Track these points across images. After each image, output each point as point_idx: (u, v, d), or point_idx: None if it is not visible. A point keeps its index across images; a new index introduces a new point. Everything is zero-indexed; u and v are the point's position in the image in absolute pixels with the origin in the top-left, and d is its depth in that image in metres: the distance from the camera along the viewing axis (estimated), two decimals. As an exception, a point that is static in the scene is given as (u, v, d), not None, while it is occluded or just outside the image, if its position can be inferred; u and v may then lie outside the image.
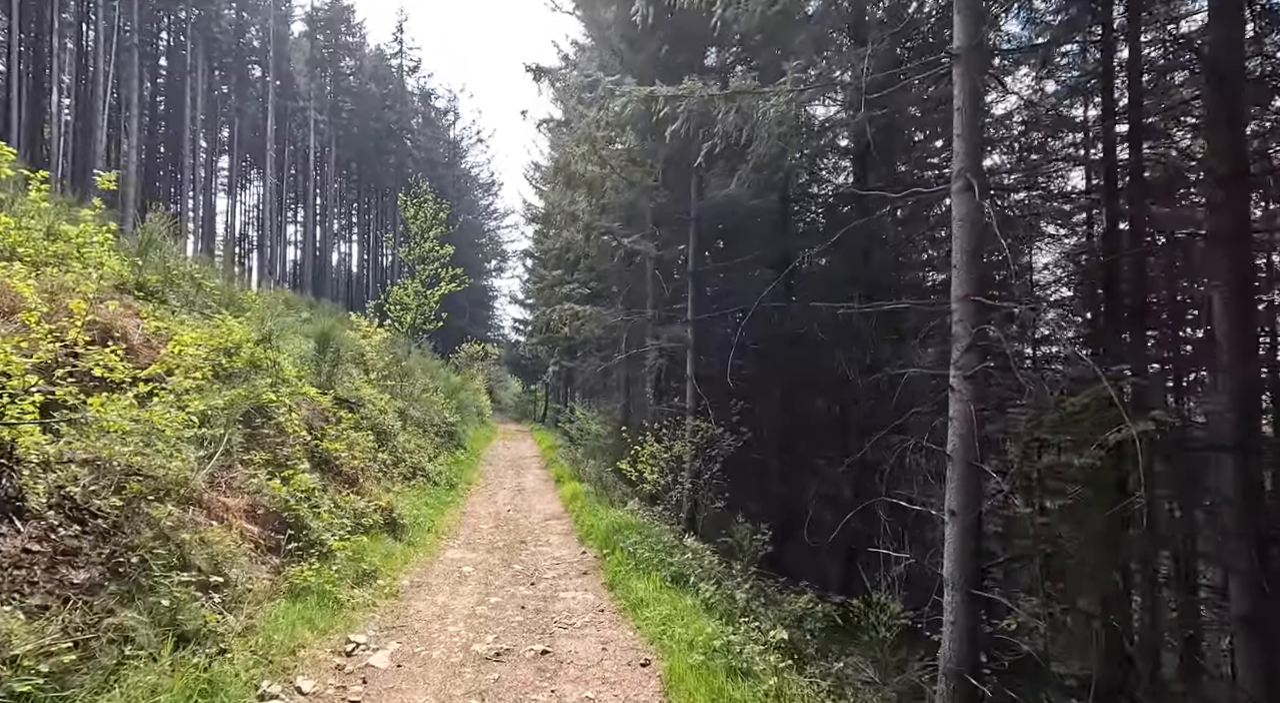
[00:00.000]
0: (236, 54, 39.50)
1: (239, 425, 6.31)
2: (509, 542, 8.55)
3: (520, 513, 10.66)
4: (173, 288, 7.27)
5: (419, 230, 19.50)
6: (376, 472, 9.29)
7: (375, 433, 10.68)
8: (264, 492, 5.79)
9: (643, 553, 6.71)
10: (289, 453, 6.72)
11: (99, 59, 35.57)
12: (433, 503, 10.27)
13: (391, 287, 19.15)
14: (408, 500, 9.36)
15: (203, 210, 44.35)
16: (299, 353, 9.79)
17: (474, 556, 7.77)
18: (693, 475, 9.02)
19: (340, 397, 9.93)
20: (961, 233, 4.78)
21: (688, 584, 5.77)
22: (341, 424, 8.58)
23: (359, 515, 7.21)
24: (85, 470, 4.29)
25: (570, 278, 20.87)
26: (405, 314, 18.85)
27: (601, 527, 8.40)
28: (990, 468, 4.62)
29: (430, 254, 19.33)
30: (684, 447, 9.27)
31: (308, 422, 7.84)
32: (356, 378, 11.70)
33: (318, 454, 7.64)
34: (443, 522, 9.45)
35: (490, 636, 5.11)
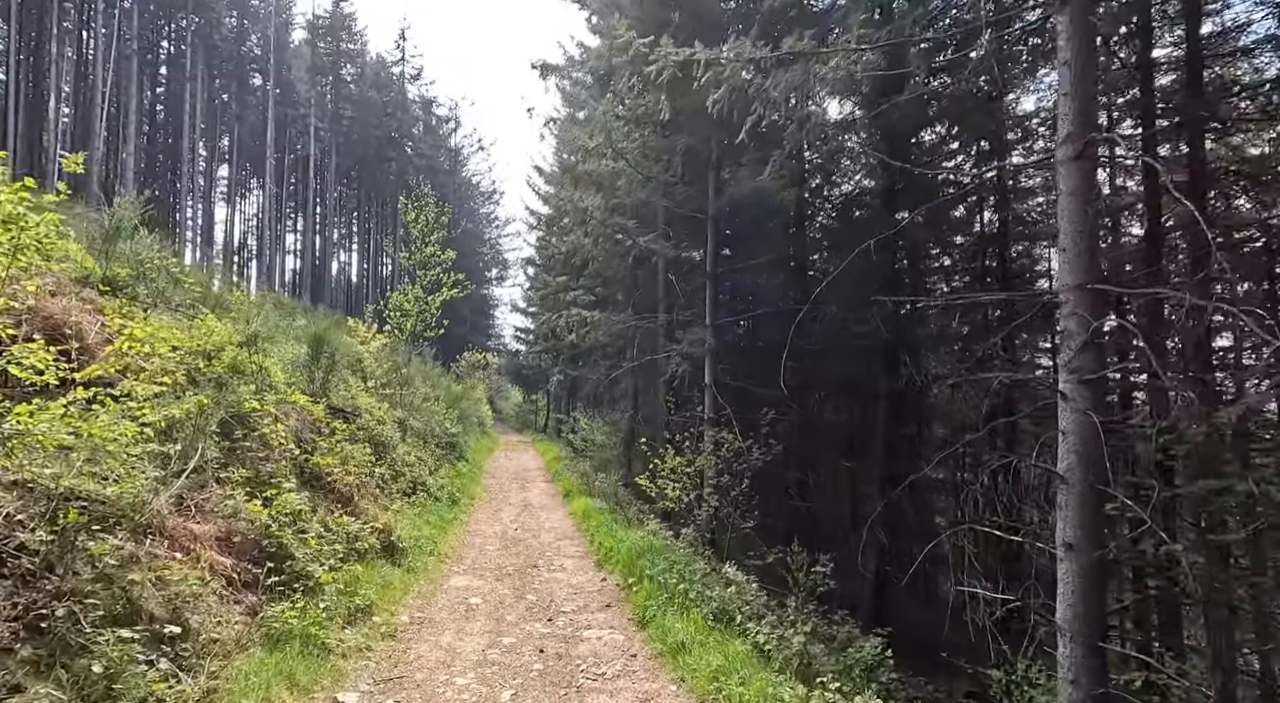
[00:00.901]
0: (237, 61, 38.86)
1: (215, 438, 5.45)
2: (519, 566, 7.67)
3: (529, 532, 9.78)
4: (146, 283, 6.43)
5: (420, 235, 18.75)
6: (373, 488, 8.42)
7: (373, 445, 9.82)
8: (241, 515, 4.93)
9: (674, 583, 5.84)
10: (273, 469, 5.86)
11: (98, 66, 34.91)
12: (434, 521, 9.40)
13: (391, 293, 18.37)
14: (407, 519, 8.48)
15: (202, 219, 43.59)
16: (290, 358, 8.94)
17: (481, 583, 6.90)
18: (718, 492, 8.17)
19: (335, 406, 9.07)
20: (1071, 209, 3.96)
21: (734, 624, 4.91)
22: (335, 436, 7.72)
23: (353, 539, 6.34)
24: (11, 496, 3.44)
25: (576, 284, 20.06)
26: (406, 321, 18.04)
27: (622, 550, 7.53)
28: (1118, 492, 3.79)
29: (431, 259, 18.53)
30: (708, 461, 8.40)
31: (296, 434, 6.98)
32: (353, 386, 10.85)
33: (307, 470, 6.78)
34: (446, 543, 8.57)
35: (507, 692, 4.23)
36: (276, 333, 10.63)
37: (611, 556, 7.60)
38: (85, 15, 36.73)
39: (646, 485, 8.96)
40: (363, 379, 12.98)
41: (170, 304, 6.68)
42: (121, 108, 36.57)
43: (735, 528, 8.25)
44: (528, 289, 32.62)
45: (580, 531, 9.75)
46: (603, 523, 9.23)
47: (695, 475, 8.78)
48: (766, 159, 10.59)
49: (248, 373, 6.59)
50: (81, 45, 36.97)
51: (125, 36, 36.01)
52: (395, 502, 9.04)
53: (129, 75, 35.58)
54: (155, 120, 41.88)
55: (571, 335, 20.16)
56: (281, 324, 12.61)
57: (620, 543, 7.78)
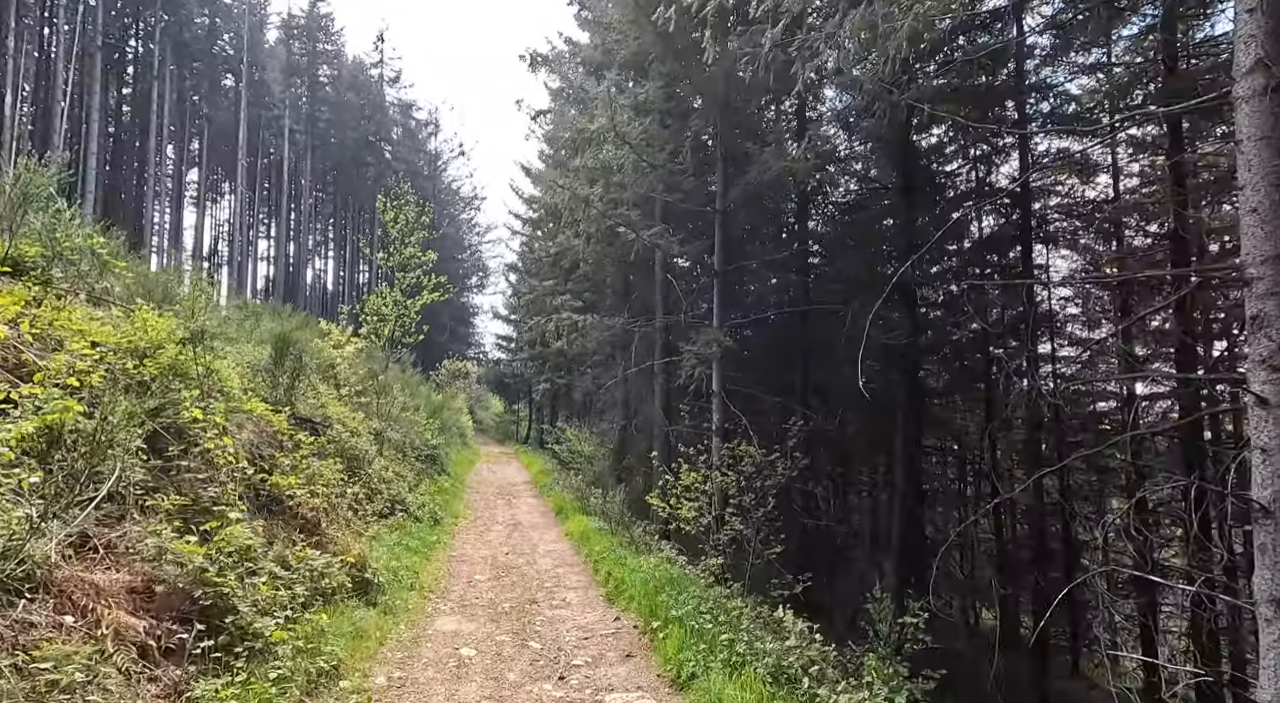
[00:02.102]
0: (208, 61, 37.23)
1: (142, 456, 4.28)
2: (516, 602, 6.53)
3: (522, 556, 8.62)
4: (63, 265, 5.24)
5: (399, 235, 17.56)
6: (345, 511, 7.23)
7: (345, 460, 8.60)
8: (168, 558, 3.76)
9: (712, 628, 4.77)
10: (218, 493, 4.68)
11: (59, 63, 33.10)
12: (415, 546, 8.21)
13: (368, 296, 17.14)
14: (385, 546, 7.29)
15: (170, 224, 41.64)
16: (251, 361, 7.73)
17: (473, 626, 5.75)
18: (741, 513, 7.13)
19: (301, 416, 7.86)
20: (1262, 159, 3.02)
21: (798, 688, 3.87)
22: (300, 451, 6.53)
23: (318, 577, 5.16)
24: None
25: (564, 288, 18.99)
26: (383, 326, 16.80)
27: (634, 581, 6.43)
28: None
29: (411, 261, 17.35)
30: (728, 478, 7.35)
31: (251, 449, 5.79)
32: (324, 394, 9.63)
33: (263, 493, 5.59)
34: (429, 572, 7.39)
35: (521, 802, 3.12)
36: (240, 334, 9.40)
37: (623, 589, 6.49)
38: (46, 11, 34.90)
39: (659, 505, 7.86)
40: (335, 387, 11.73)
41: (94, 292, 5.47)
42: (84, 107, 34.73)
43: (757, 554, 7.22)
44: (510, 296, 31.43)
45: (580, 555, 8.63)
46: (607, 547, 8.12)
47: (713, 493, 7.71)
48: (777, 154, 9.71)
49: (192, 376, 5.40)
50: (42, 42, 35.13)
51: (89, 33, 34.25)
52: (370, 525, 7.84)
53: (92, 73, 33.80)
54: (121, 121, 39.99)
55: (560, 341, 19.05)
56: (246, 325, 11.35)
57: (632, 573, 6.68)
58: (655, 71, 10.77)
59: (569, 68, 15.63)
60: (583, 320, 13.97)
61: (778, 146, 9.89)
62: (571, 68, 14.93)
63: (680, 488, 7.72)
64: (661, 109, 10.44)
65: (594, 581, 7.30)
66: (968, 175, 13.25)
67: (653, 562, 7.12)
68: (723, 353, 8.70)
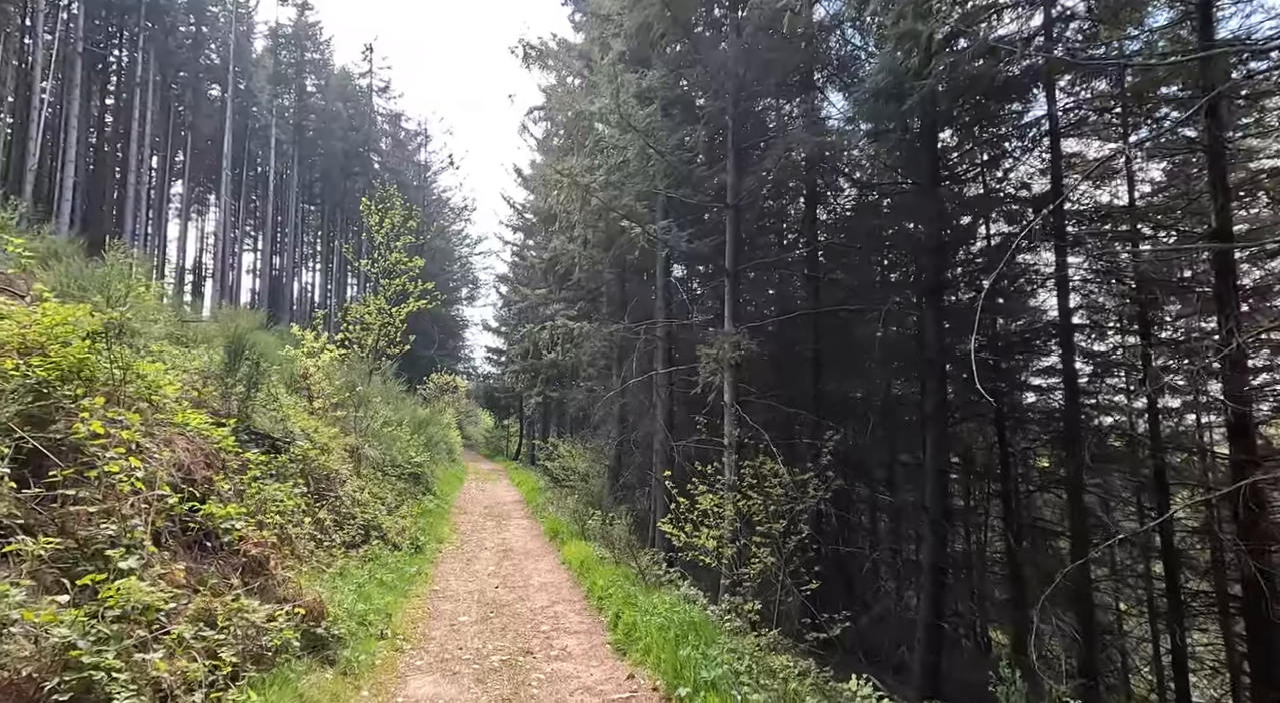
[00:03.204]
0: (193, 69, 36.13)
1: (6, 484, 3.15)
2: (507, 653, 5.38)
3: (514, 591, 7.46)
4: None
5: (384, 240, 16.48)
6: (305, 542, 6.06)
7: (311, 481, 7.45)
8: (15, 630, 2.62)
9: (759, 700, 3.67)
10: (118, 531, 3.54)
11: (36, 69, 31.93)
12: (391, 580, 7.04)
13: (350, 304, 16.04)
14: (352, 584, 6.12)
15: (154, 236, 40.20)
16: (197, 366, 6.58)
17: (454, 690, 4.59)
18: (770, 543, 5.99)
19: (259, 430, 6.70)
20: None
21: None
22: (249, 472, 5.38)
23: (255, 635, 4.01)
24: None
25: (557, 296, 17.94)
26: (366, 336, 15.66)
27: (650, 627, 5.30)
28: None
29: (397, 267, 16.28)
30: (751, 502, 6.21)
31: (182, 471, 4.64)
32: (290, 405, 8.46)
33: (193, 526, 4.44)
34: (404, 614, 6.21)
35: None
36: (196, 335, 8.26)
37: (636, 635, 5.36)
38: (24, 18, 33.74)
39: (673, 533, 6.74)
40: (309, 398, 10.57)
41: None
42: (63, 115, 33.51)
43: (787, 589, 6.10)
44: (500, 308, 30.30)
45: (580, 588, 7.48)
46: (611, 580, 6.98)
47: (734, 519, 6.58)
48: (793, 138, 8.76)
49: (100, 380, 4.27)
50: (23, 50, 33.94)
51: (70, 39, 33.12)
52: (337, 557, 6.66)
53: (72, 80, 32.61)
54: (104, 131, 38.74)
55: (554, 352, 17.95)
56: (210, 329, 10.20)
57: (646, 616, 5.54)
58: (659, 58, 9.83)
59: (563, 64, 14.69)
60: (579, 328, 12.91)
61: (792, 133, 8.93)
62: (566, 63, 13.99)
63: (696, 513, 6.61)
64: (666, 98, 9.49)
65: (599, 622, 6.16)
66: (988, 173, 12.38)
67: (668, 600, 5.99)
68: (742, 358, 7.65)
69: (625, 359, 15.60)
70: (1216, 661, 12.53)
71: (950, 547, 10.90)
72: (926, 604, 8.92)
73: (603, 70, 8.20)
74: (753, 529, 6.34)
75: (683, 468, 11.39)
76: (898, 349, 14.79)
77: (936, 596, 8.93)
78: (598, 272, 15.71)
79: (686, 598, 6.05)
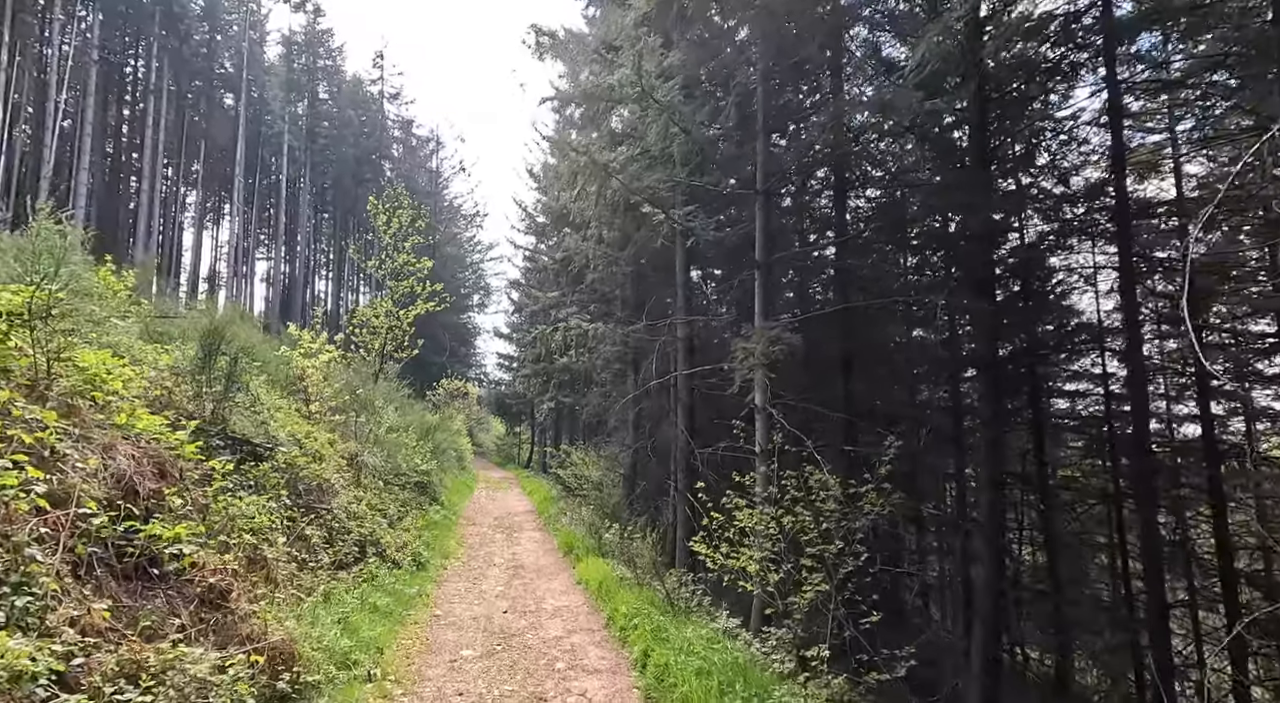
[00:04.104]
0: (207, 77, 35.88)
1: None
2: (516, 699, 4.47)
3: (524, 617, 6.56)
4: None
5: (392, 241, 15.75)
6: (284, 565, 5.19)
7: (299, 493, 6.61)
8: None
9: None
10: (8, 565, 2.68)
11: (51, 78, 31.76)
12: (386, 604, 6.17)
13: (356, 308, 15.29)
14: (336, 613, 5.24)
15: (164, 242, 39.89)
16: (168, 362, 5.76)
17: (451, 755, 3.70)
18: (823, 569, 5.02)
19: (236, 436, 5.87)
20: None
21: None
22: (212, 485, 4.53)
23: (197, 692, 3.13)
24: None
25: (570, 298, 17.09)
26: (374, 339, 14.88)
27: (687, 671, 4.38)
28: None
29: (404, 268, 15.53)
30: (800, 519, 5.22)
31: (123, 482, 3.80)
32: (277, 407, 7.63)
33: (130, 554, 3.58)
34: (399, 648, 5.33)
35: None
36: (175, 330, 7.45)
37: (669, 681, 4.44)
38: (42, 28, 33.62)
39: (707, 554, 5.78)
40: (305, 401, 9.76)
41: None
42: (79, 122, 33.32)
43: (840, 622, 5.13)
44: (512, 313, 29.50)
45: (598, 614, 6.56)
46: (635, 607, 6.05)
47: (779, 538, 5.58)
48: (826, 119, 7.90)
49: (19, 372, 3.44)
50: (40, 56, 33.83)
51: (86, 47, 32.96)
52: (322, 580, 5.79)
53: (86, 88, 32.38)
54: (120, 140, 38.58)
55: (566, 356, 17.09)
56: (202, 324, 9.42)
57: (681, 656, 4.62)
58: (681, 38, 9.01)
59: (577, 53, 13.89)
60: (593, 329, 12.05)
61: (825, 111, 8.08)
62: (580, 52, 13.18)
63: (733, 531, 5.65)
64: (690, 77, 8.65)
65: (623, 660, 5.23)
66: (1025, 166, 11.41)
67: (704, 635, 5.07)
68: (781, 354, 6.70)
69: (641, 363, 14.72)
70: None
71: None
72: (983, 632, 7.91)
73: (624, 35, 7.39)
74: (799, 550, 5.39)
75: (705, 478, 10.46)
76: (922, 351, 13.81)
77: (995, 622, 7.92)
78: (612, 273, 14.89)
79: (727, 633, 5.12)
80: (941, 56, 6.25)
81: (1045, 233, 12.55)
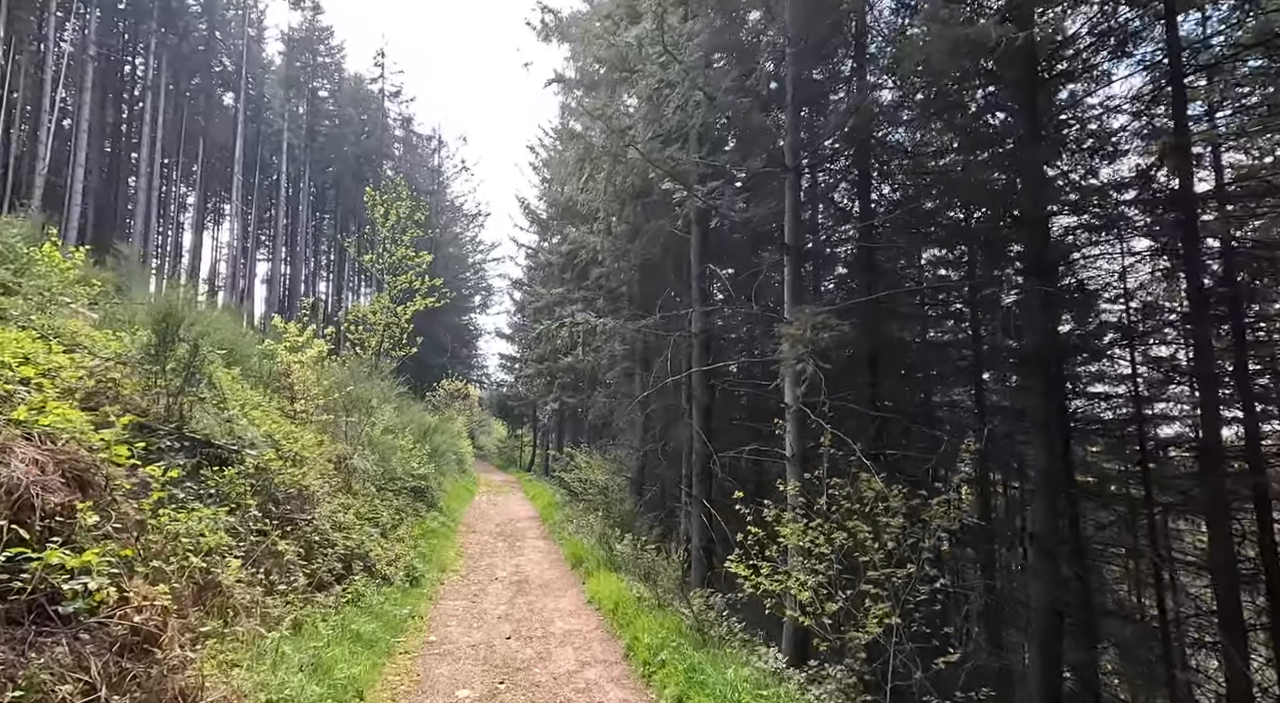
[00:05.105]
0: (206, 75, 35.09)
1: None
2: (523, 763, 3.58)
3: (531, 643, 5.66)
4: None
5: (390, 234, 14.90)
6: (248, 588, 4.31)
7: (277, 502, 5.73)
8: None
9: None
10: None
11: (47, 74, 30.95)
12: (370, 633, 5.27)
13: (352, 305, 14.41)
14: (307, 648, 4.34)
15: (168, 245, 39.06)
16: (115, 350, 4.87)
17: None
18: (892, 599, 4.13)
19: (196, 436, 4.98)
20: None
21: None
22: (150, 497, 3.65)
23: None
24: None
25: (575, 294, 16.22)
26: (370, 337, 14.00)
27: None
28: None
29: (402, 263, 14.68)
30: (862, 532, 4.31)
31: (15, 497, 2.91)
32: (253, 404, 6.75)
33: (17, 589, 2.70)
34: (381, 690, 4.44)
35: None
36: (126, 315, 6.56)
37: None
38: (39, 24, 32.84)
39: (747, 576, 4.86)
40: (290, 399, 8.89)
41: None
42: (74, 119, 32.51)
43: (907, 659, 4.23)
44: (514, 313, 28.62)
45: (616, 641, 5.67)
46: (660, 637, 5.15)
47: (830, 557, 4.66)
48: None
49: None
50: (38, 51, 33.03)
51: (82, 44, 32.17)
52: (295, 605, 4.90)
53: (82, 85, 31.58)
54: (118, 139, 37.75)
55: (571, 355, 16.21)
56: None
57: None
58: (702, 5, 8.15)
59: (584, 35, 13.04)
60: (601, 324, 11.17)
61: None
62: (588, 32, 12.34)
63: (776, 549, 4.74)
64: (712, 44, 7.79)
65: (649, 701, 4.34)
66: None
67: (748, 676, 4.17)
68: (830, 342, 5.81)
69: (651, 361, 13.84)
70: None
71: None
72: (1039, 657, 7.01)
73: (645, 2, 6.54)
74: (856, 573, 4.48)
75: (725, 485, 9.57)
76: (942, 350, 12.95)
77: (1052, 645, 7.02)
78: (619, 267, 14.02)
79: (778, 677, 4.21)
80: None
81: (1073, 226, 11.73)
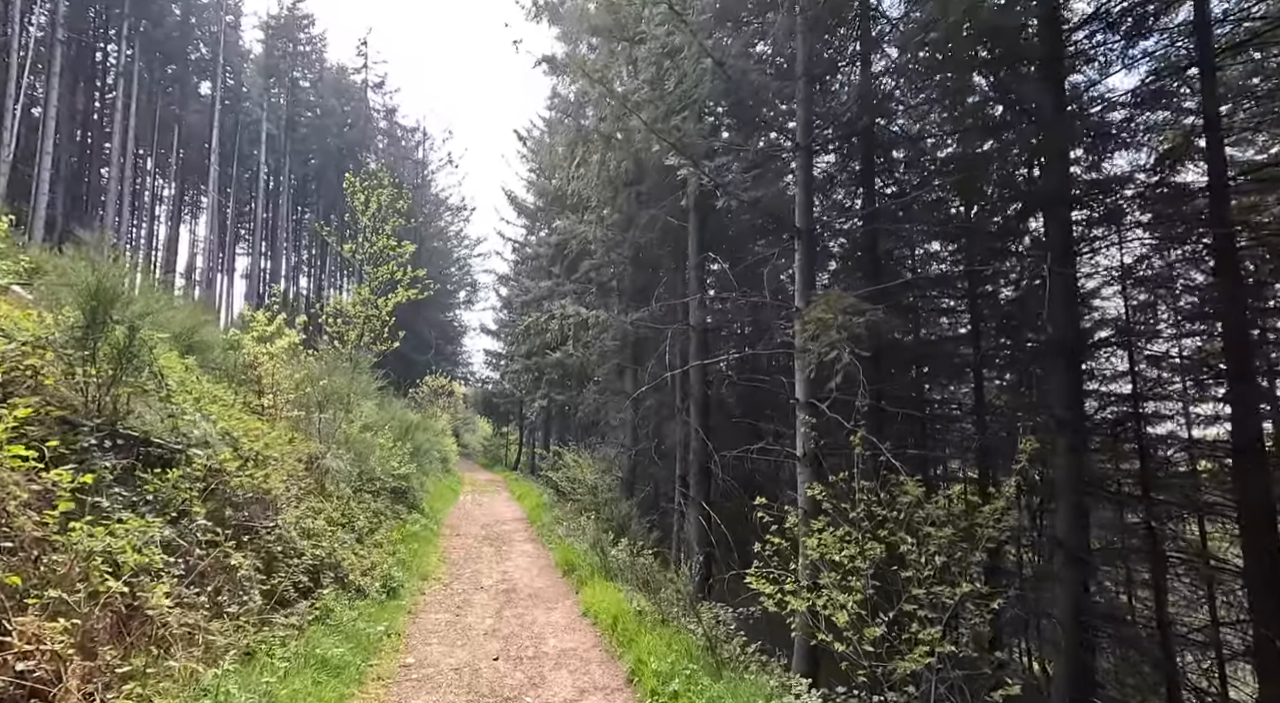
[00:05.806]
0: (181, 62, 33.83)
1: None
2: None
3: (521, 666, 5.01)
4: None
5: (371, 223, 14.12)
6: (188, 612, 3.61)
7: (235, 508, 5.02)
8: None
9: None
10: None
11: (11, 57, 29.55)
12: (338, 656, 4.59)
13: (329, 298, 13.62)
14: (254, 685, 3.66)
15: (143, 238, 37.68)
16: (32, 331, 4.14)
17: None
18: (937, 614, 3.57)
19: (134, 434, 4.26)
20: None
21: None
22: (57, 507, 2.95)
23: None
24: None
25: (565, 287, 15.56)
26: (349, 330, 13.22)
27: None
28: None
29: (384, 253, 13.91)
30: (905, 545, 3.68)
31: None
32: (210, 398, 6.01)
33: None
34: (347, 730, 3.76)
35: None
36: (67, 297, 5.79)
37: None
38: (5, 7, 31.39)
39: (770, 594, 4.22)
40: (257, 394, 8.15)
41: None
42: (42, 105, 31.13)
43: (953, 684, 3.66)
44: (500, 309, 27.83)
45: (617, 663, 5.03)
46: (668, 660, 4.53)
47: (867, 571, 4.06)
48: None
49: None
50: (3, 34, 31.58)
51: (52, 26, 30.80)
52: (246, 629, 4.20)
53: (50, 70, 30.22)
54: (89, 128, 36.31)
55: (560, 351, 15.54)
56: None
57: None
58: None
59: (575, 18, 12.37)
60: (594, 316, 10.52)
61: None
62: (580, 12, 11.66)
63: (806, 562, 4.13)
64: (719, 8, 7.17)
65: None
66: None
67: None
68: (863, 328, 5.19)
69: (644, 356, 13.22)
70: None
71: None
72: (1066, 673, 6.49)
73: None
74: (900, 589, 3.88)
75: (722, 487, 8.98)
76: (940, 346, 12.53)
77: (1077, 658, 6.50)
78: (611, 258, 13.39)
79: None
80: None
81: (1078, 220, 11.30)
